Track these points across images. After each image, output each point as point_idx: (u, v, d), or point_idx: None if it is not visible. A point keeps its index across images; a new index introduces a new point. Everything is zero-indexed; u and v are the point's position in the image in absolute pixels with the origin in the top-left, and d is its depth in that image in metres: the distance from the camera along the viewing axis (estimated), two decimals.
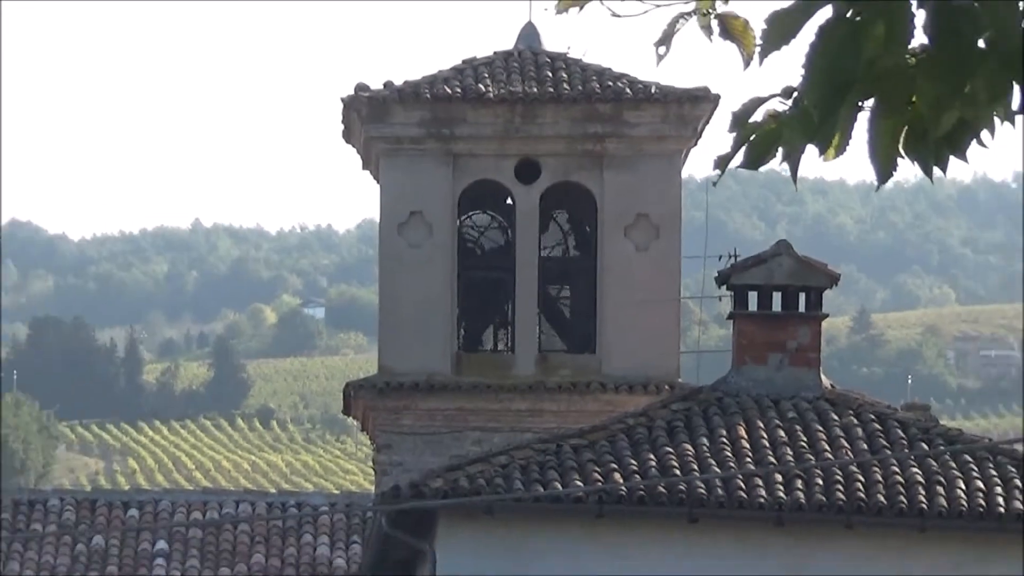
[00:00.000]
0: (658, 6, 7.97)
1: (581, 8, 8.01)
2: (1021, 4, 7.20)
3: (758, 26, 7.45)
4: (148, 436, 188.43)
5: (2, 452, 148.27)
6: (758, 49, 7.45)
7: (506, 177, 41.73)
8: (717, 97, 41.18)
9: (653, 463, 38.03)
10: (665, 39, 7.56)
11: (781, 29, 7.09)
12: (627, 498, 38.66)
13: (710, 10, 7.91)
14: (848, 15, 7.08)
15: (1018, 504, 39.54)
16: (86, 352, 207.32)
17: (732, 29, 7.76)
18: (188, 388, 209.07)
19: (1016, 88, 7.31)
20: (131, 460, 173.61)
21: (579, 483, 38.23)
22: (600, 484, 38.21)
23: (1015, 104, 7.31)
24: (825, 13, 7.07)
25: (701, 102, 40.65)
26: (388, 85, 42.90)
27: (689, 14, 8.01)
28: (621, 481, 38.80)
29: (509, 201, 42.77)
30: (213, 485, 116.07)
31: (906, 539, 39.69)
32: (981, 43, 7.27)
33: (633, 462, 37.59)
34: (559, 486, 38.31)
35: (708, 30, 7.77)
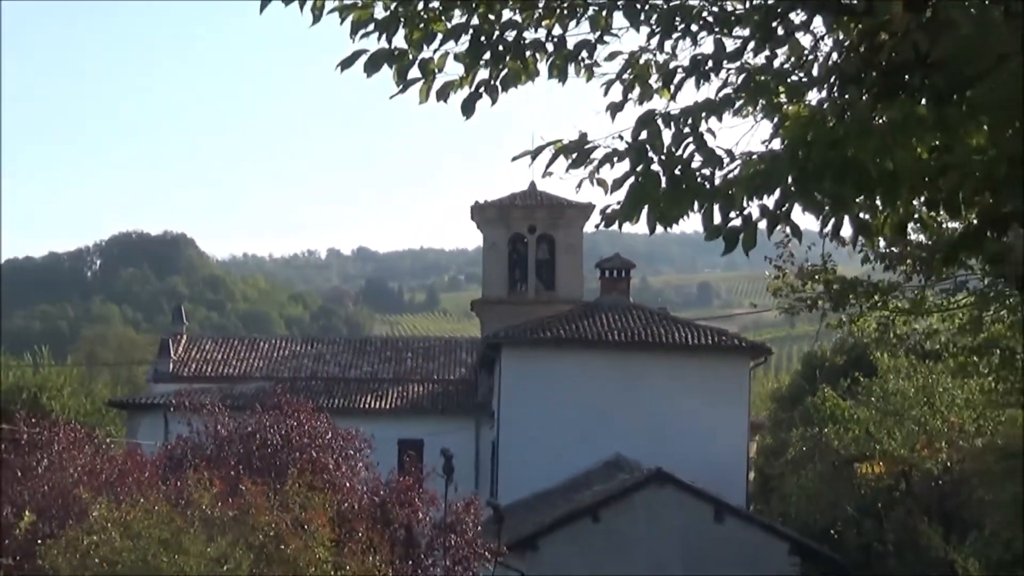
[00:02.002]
0: (572, 175, 6.55)
1: (551, 175, 6.55)
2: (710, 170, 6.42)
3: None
4: (409, 320, 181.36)
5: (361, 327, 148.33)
6: (611, 189, 6.45)
7: (524, 232, 41.20)
8: (594, 206, 40.49)
9: (575, 327, 35.86)
10: (579, 184, 6.44)
11: (616, 184, 6.29)
12: (563, 338, 34.24)
13: (597, 178, 6.54)
14: (640, 184, 6.31)
15: (701, 340, 34.41)
16: (384, 291, 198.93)
17: (602, 184, 6.48)
18: (421, 301, 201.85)
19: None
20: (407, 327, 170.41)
21: (550, 333, 34.77)
22: (555, 333, 34.56)
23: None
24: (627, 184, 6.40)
25: (589, 208, 40.50)
26: (487, 202, 42.83)
27: (588, 179, 6.57)
28: (562, 333, 34.34)
29: (525, 240, 42.38)
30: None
31: (653, 354, 33.63)
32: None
33: (567, 326, 34.93)
34: (541, 334, 34.56)
35: (592, 184, 6.62)
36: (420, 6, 6.90)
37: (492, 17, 7.04)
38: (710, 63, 6.86)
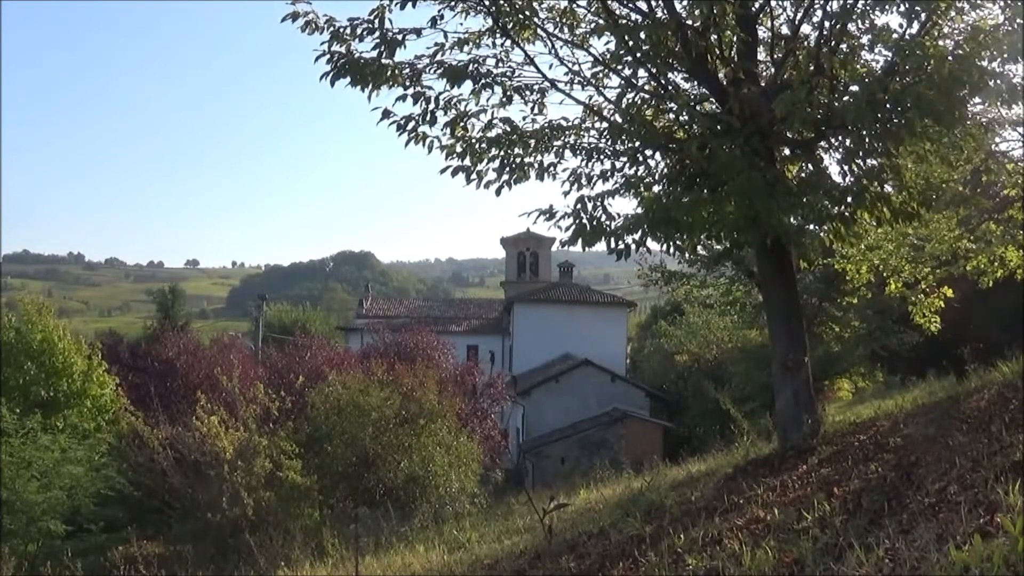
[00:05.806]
0: (546, 224, 6.05)
1: (537, 223, 6.12)
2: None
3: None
4: (472, 291, 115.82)
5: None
6: (564, 230, 6.06)
7: (524, 250, 39.04)
8: (555, 238, 34.57)
9: (548, 293, 32.72)
10: (549, 227, 5.28)
11: (567, 228, 5.57)
12: (542, 299, 30.49)
13: (557, 225, 6.06)
14: (576, 228, 5.77)
15: (605, 299, 31.24)
16: (461, 278, 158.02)
17: (559, 228, 6.13)
18: (478, 281, 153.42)
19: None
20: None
21: (536, 296, 30.73)
22: (538, 296, 32.10)
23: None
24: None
25: (553, 239, 36.83)
26: (508, 236, 40.05)
27: (553, 225, 6.12)
28: (541, 296, 30.77)
29: (525, 253, 40.12)
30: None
31: (583, 305, 29.12)
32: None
33: (544, 293, 31.52)
34: (533, 297, 30.71)
35: (556, 227, 6.13)
36: (477, 147, 6.95)
37: (511, 152, 7.06)
38: (609, 172, 6.78)
